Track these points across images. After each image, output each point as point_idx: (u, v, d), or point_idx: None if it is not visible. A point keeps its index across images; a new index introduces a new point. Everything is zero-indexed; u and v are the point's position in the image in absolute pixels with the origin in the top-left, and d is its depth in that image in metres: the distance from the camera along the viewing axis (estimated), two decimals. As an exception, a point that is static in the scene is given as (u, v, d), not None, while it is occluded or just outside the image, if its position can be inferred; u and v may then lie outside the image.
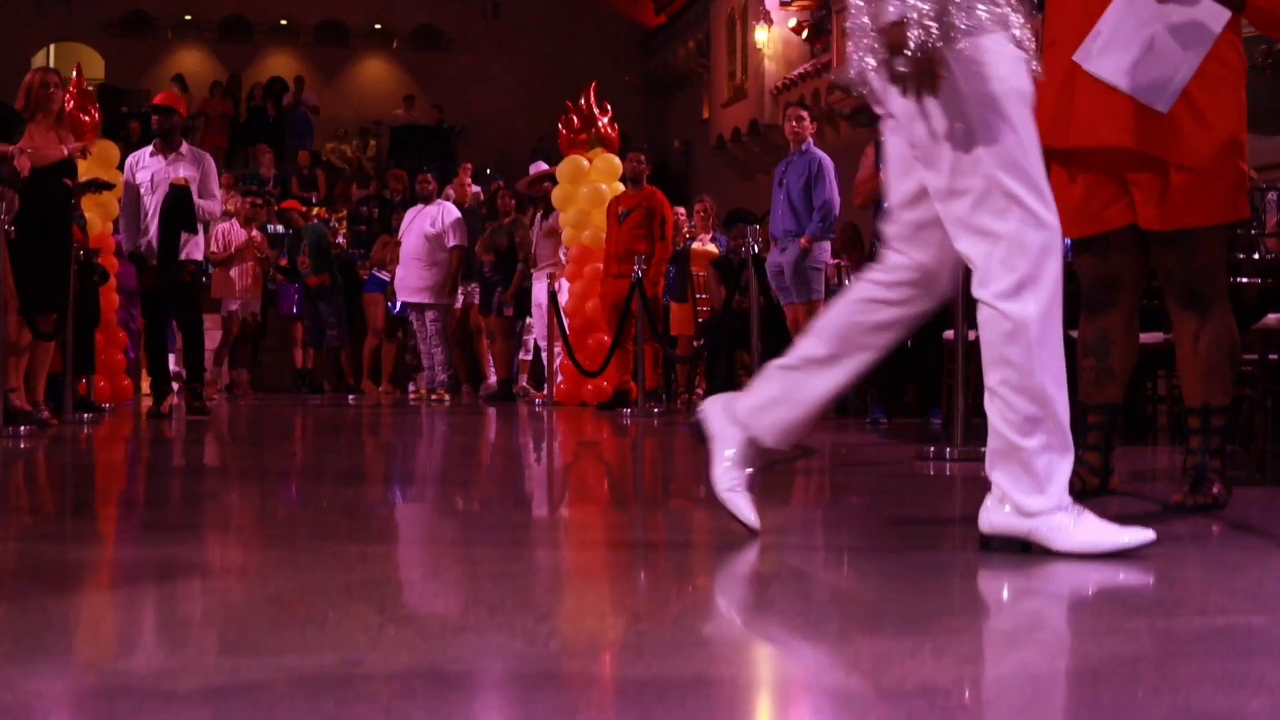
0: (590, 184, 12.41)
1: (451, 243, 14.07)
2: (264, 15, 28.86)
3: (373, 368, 16.42)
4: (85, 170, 11.09)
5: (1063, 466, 3.06)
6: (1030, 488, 3.04)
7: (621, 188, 12.10)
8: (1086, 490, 4.31)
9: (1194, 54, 3.73)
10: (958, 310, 6.14)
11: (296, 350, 17.02)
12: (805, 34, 21.57)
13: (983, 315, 3.07)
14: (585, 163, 12.52)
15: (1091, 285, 4.28)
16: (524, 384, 14.50)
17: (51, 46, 29.44)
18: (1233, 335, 4.05)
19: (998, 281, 3.00)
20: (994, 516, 3.12)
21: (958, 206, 3.05)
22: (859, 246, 12.81)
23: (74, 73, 11.93)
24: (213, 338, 16.40)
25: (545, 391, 13.13)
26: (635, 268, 10.79)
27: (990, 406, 3.09)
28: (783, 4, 21.88)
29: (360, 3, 28.94)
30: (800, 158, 10.14)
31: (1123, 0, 3.80)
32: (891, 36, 2.95)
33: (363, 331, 15.88)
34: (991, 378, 3.07)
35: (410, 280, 14.13)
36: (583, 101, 13.06)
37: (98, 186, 9.99)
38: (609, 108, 13.11)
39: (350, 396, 14.99)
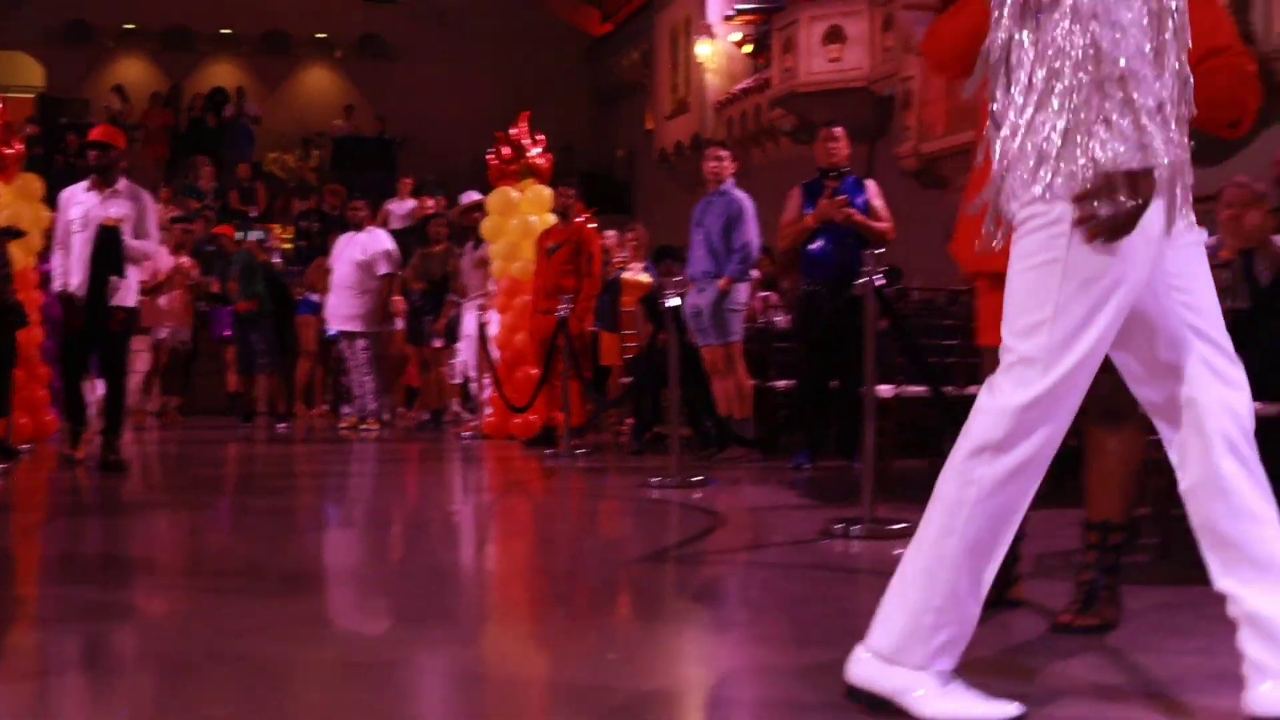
0: (520, 216, 12.32)
1: (382, 271, 13.95)
2: (207, 24, 28.61)
3: (306, 392, 16.31)
4: (7, 204, 10.95)
5: (952, 632, 2.87)
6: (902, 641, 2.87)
7: (553, 219, 12.00)
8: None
9: None
10: (870, 367, 6.02)
11: (229, 374, 16.86)
12: (748, 49, 21.52)
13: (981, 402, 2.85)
14: (515, 194, 12.41)
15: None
16: (456, 408, 14.41)
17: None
18: (1142, 453, 3.99)
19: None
20: (861, 668, 2.92)
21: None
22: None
23: (-6, 104, 11.72)
24: (144, 360, 16.26)
25: (475, 422, 13.02)
26: (562, 305, 10.71)
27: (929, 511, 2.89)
28: (726, 18, 21.82)
29: (304, 12, 28.73)
30: (720, 198, 10.09)
31: None
32: (1122, 183, 2.63)
33: (296, 355, 15.76)
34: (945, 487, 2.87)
35: (341, 308, 14.01)
36: (513, 131, 12.92)
37: (7, 235, 9.77)
38: (541, 138, 12.97)
39: (282, 424, 14.84)
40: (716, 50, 22.04)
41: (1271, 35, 11.62)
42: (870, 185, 9.40)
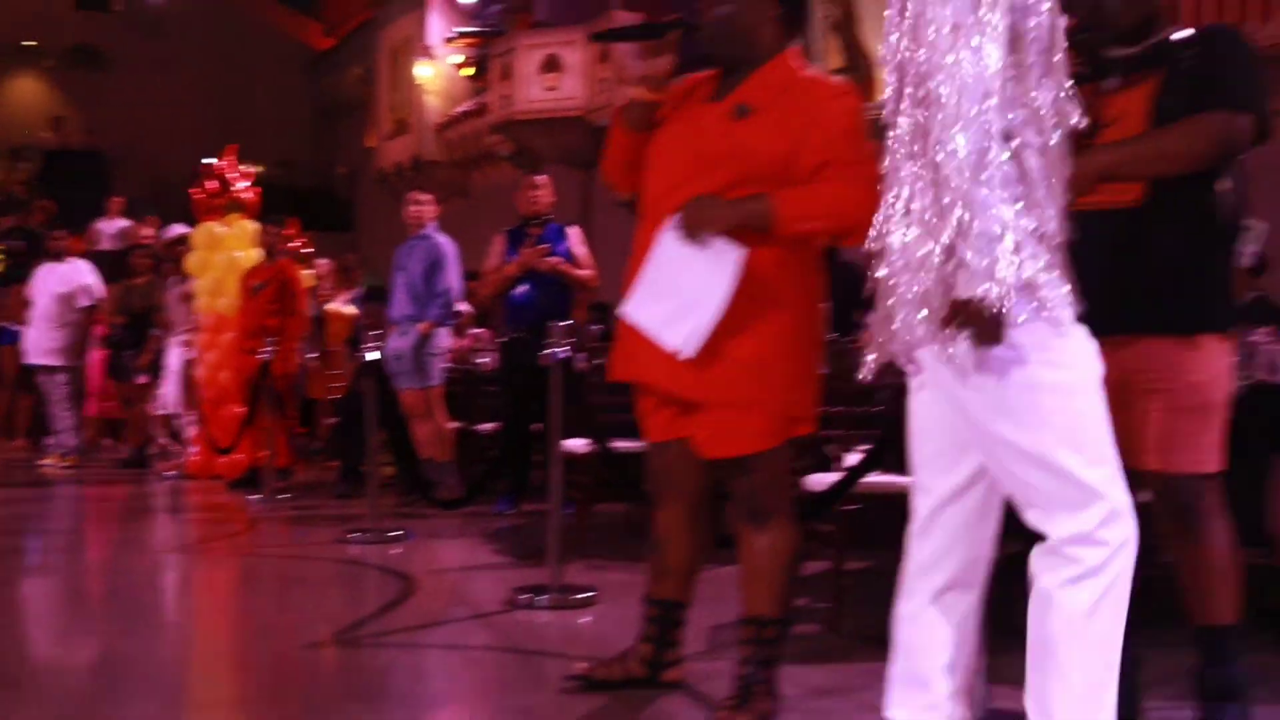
0: (226, 251, 12.05)
1: (82, 304, 13.51)
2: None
3: (5, 424, 15.71)
4: None
5: None
6: None
7: (259, 255, 11.77)
8: (630, 680, 4.31)
9: (715, 298, 3.74)
10: (555, 409, 6.02)
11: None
12: (468, 71, 21.50)
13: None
14: (220, 229, 12.14)
15: (652, 480, 4.28)
16: (163, 441, 14.02)
17: None
18: (793, 547, 4.06)
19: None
20: None
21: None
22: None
23: None
24: None
25: (179, 460, 12.70)
26: (266, 346, 10.52)
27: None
28: (446, 40, 21.76)
29: (12, 18, 27.67)
30: (421, 242, 10.03)
31: (660, 244, 3.81)
32: (967, 310, 2.74)
33: (-6, 386, 15.18)
34: None
35: (41, 341, 13.52)
36: (219, 164, 12.64)
37: None
38: (249, 170, 12.73)
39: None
40: (437, 72, 21.98)
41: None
42: (573, 233, 9.45)
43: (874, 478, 5.23)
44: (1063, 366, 2.85)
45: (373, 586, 6.86)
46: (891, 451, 5.23)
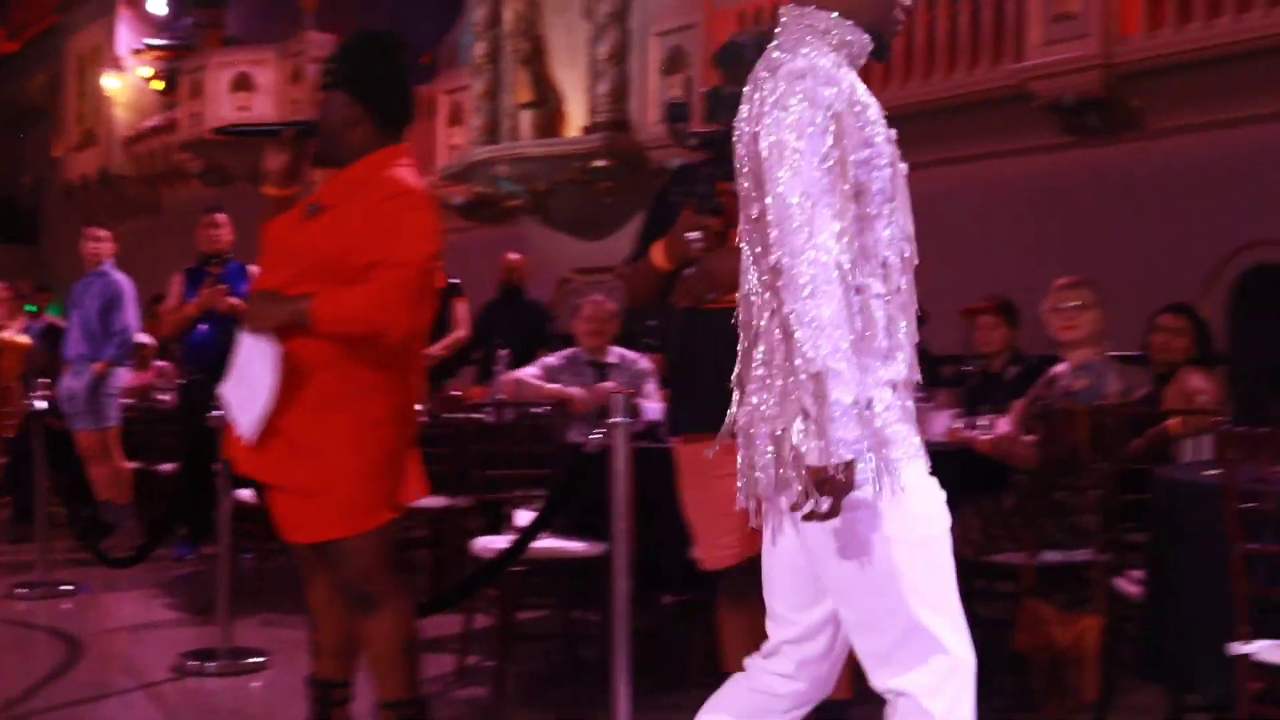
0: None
1: None
2: None
3: None
4: None
5: None
6: None
7: None
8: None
9: (264, 389, 3.83)
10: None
11: None
12: (158, 85, 20.95)
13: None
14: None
15: (295, 558, 4.31)
16: None
17: None
18: (408, 626, 4.09)
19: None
20: None
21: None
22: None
23: None
24: None
25: None
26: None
27: None
28: (135, 52, 21.16)
29: None
30: (98, 279, 9.70)
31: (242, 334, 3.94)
32: (814, 476, 2.68)
33: None
34: None
35: None
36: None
37: None
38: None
39: None
40: (126, 83, 21.35)
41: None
42: (254, 272, 9.28)
43: (543, 541, 5.31)
44: (910, 521, 2.85)
45: (40, 651, 6.65)
46: (561, 514, 5.36)
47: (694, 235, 3.93)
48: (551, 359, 7.37)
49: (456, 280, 9.76)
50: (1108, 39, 9.17)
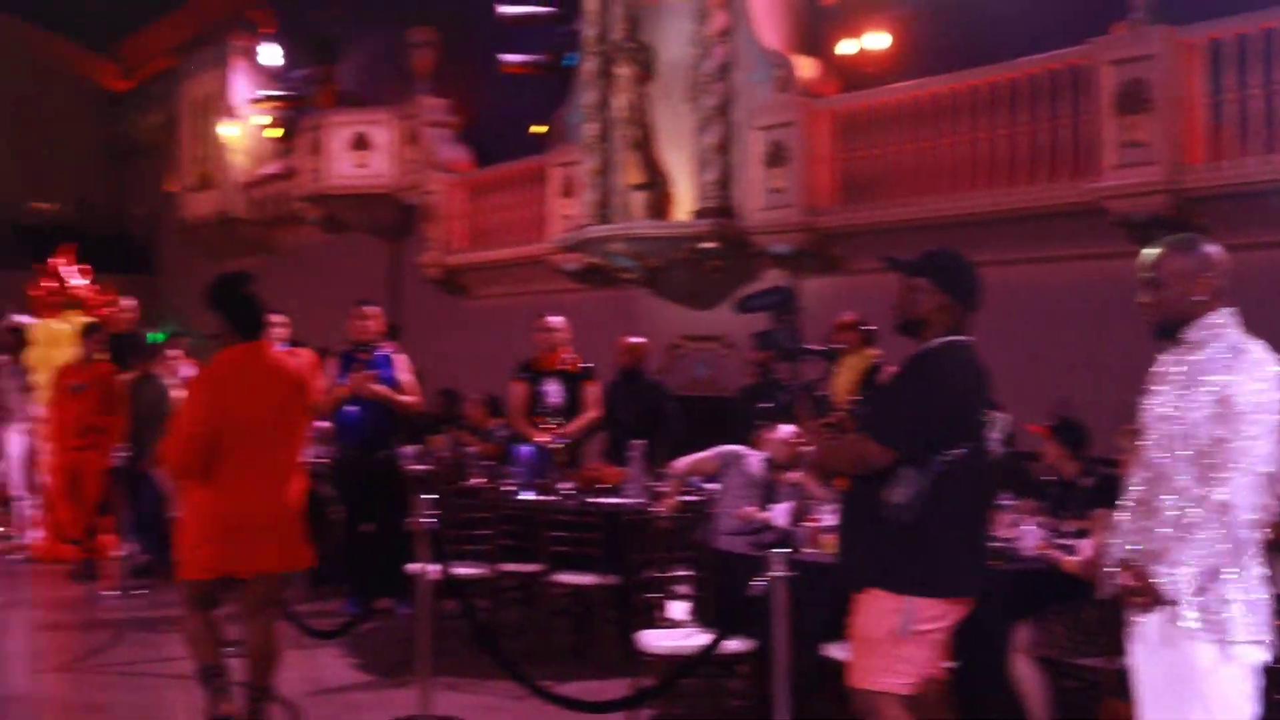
0: (65, 348, 12.74)
1: None
2: None
3: None
4: None
5: None
6: None
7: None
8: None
9: None
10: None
11: None
12: (273, 132, 22.12)
13: None
14: (59, 326, 12.85)
15: None
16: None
17: None
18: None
19: None
20: None
21: None
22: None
23: None
24: None
25: (21, 542, 13.37)
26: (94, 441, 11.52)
27: None
28: (252, 102, 22.37)
29: None
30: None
31: None
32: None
33: None
34: None
35: None
36: (54, 261, 13.34)
37: None
38: (88, 268, 13.43)
39: None
40: (241, 131, 22.58)
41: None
42: (399, 360, 10.35)
43: (696, 634, 6.42)
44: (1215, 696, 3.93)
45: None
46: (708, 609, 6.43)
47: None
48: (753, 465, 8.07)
49: (590, 365, 10.86)
50: (1174, 167, 10.12)
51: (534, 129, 16.57)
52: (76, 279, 13.36)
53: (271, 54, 22.44)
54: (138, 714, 7.49)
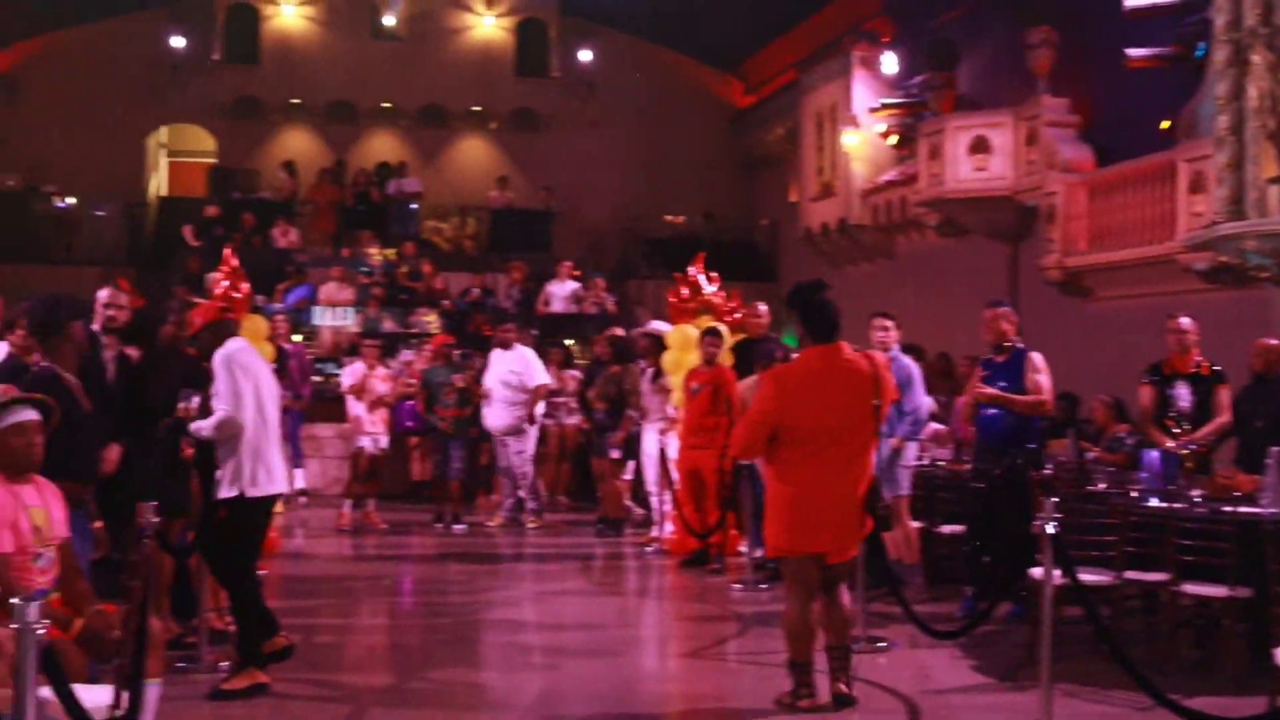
0: (695, 352, 13.38)
1: (533, 384, 15.51)
2: (368, 98, 30.11)
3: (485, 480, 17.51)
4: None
5: None
6: None
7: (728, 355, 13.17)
8: None
9: None
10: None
11: (413, 463, 18.18)
12: (893, 140, 22.41)
13: None
14: (693, 331, 13.51)
15: None
16: (639, 513, 15.59)
17: (163, 128, 30.94)
18: None
19: None
20: None
21: None
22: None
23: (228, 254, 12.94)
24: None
25: (654, 534, 14.18)
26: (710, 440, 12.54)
27: None
28: (871, 110, 22.73)
29: (460, 86, 30.12)
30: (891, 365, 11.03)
31: None
32: None
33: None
34: None
35: (501, 418, 15.43)
36: (691, 270, 14.04)
37: None
38: (715, 276, 14.06)
39: (458, 525, 15.81)
40: (862, 140, 22.98)
41: None
42: (1031, 359, 10.20)
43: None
44: None
45: (876, 705, 7.85)
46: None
47: None
48: None
49: (1219, 368, 10.41)
50: None
51: (1161, 125, 15.99)
52: (708, 286, 14.00)
53: (891, 62, 22.75)
54: (754, 702, 7.78)
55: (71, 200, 27.89)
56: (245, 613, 7.90)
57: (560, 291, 23.20)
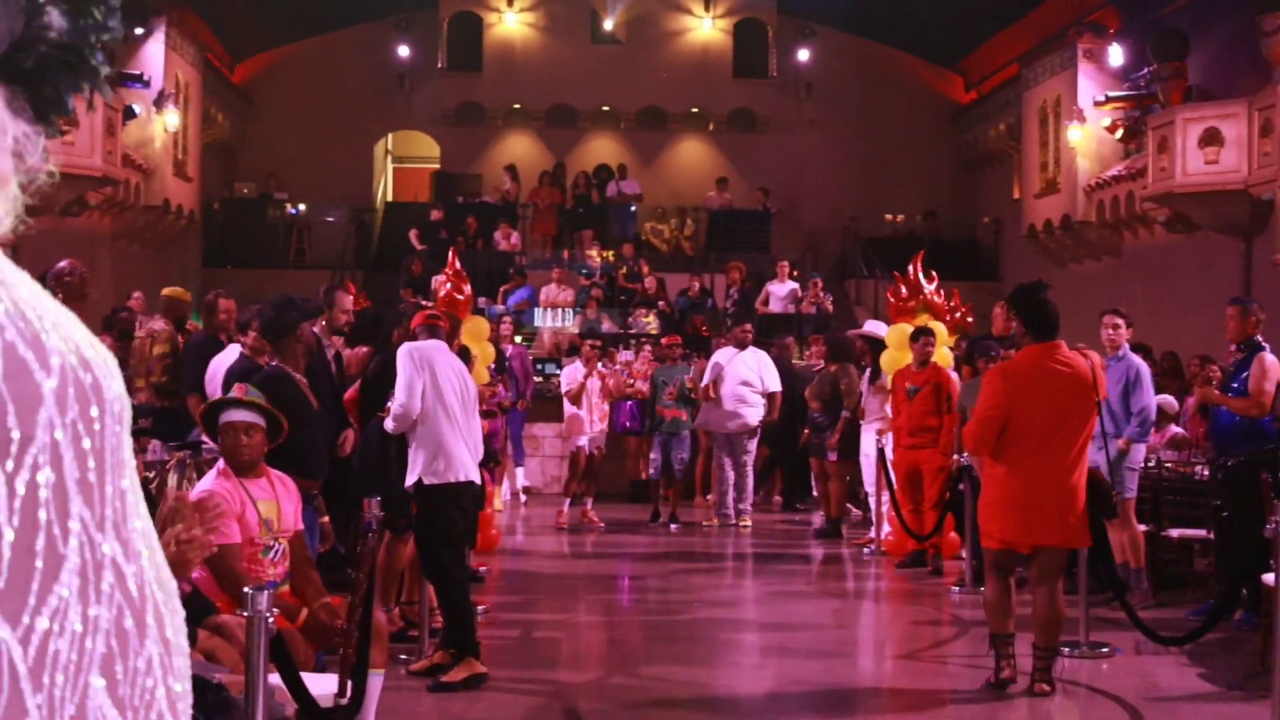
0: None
1: (771, 389, 15.33)
2: (587, 102, 30.38)
3: (702, 484, 17.54)
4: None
5: None
6: None
7: (947, 353, 12.97)
8: None
9: None
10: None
11: (629, 460, 18.27)
12: (1119, 134, 21.87)
13: None
14: (908, 331, 13.33)
15: None
16: (856, 514, 15.50)
17: (390, 135, 31.67)
18: None
19: None
20: None
21: None
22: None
23: (450, 257, 13.16)
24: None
25: (872, 534, 14.06)
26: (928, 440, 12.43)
27: None
28: (1096, 103, 22.21)
29: (678, 88, 30.19)
30: (1118, 363, 10.76)
31: None
32: None
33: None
34: None
35: (736, 419, 15.44)
36: (910, 270, 13.88)
37: None
38: (934, 275, 13.88)
39: (673, 525, 15.87)
40: (1086, 134, 22.46)
41: None
42: (1259, 359, 9.88)
43: None
44: None
45: (1099, 713, 7.67)
46: None
47: None
48: None
49: None
50: None
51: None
52: (928, 285, 13.82)
53: (1117, 53, 22.18)
54: (971, 704, 7.65)
55: (302, 207, 28.72)
56: (453, 605, 8.00)
57: (779, 292, 23.17)
